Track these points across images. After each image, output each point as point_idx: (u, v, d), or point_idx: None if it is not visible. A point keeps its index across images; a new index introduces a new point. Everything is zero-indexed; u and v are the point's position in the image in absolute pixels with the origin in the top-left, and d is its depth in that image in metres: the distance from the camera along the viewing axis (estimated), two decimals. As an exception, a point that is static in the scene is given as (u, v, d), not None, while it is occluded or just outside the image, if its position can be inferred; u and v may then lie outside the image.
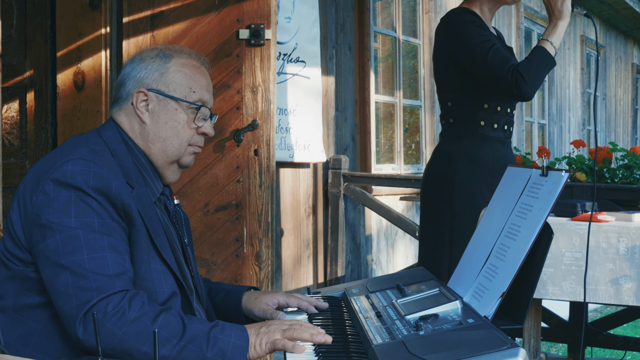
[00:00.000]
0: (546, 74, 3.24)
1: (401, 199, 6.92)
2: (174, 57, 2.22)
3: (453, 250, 3.25)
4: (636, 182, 5.45)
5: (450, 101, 3.36)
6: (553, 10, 3.27)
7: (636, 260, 4.08)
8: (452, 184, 3.27)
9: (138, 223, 2.03)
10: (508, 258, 1.85)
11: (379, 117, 7.15)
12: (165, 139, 2.18)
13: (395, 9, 7.30)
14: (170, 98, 2.18)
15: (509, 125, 3.40)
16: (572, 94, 11.85)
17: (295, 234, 5.69)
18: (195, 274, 2.30)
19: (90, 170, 1.96)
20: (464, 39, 3.24)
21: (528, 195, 1.92)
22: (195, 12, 4.26)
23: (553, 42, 3.24)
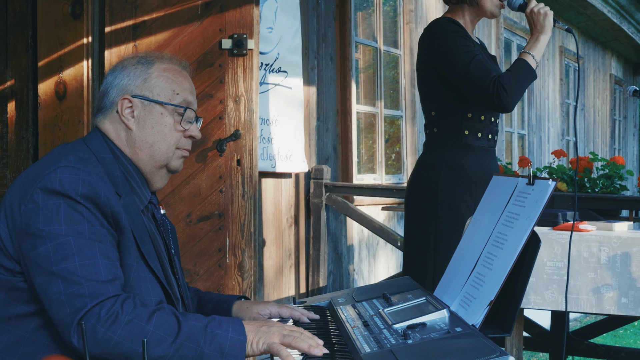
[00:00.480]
0: (527, 86, 3.26)
1: (383, 209, 6.93)
2: (155, 63, 2.23)
3: (437, 259, 3.26)
4: (616, 191, 5.49)
5: (434, 111, 3.37)
6: (535, 24, 3.30)
7: (617, 270, 4.10)
8: (435, 193, 3.28)
9: (126, 231, 2.02)
10: (495, 266, 1.85)
11: (360, 127, 7.17)
12: (152, 144, 2.18)
13: (376, 19, 7.33)
14: (155, 102, 2.18)
15: (493, 135, 3.42)
16: (552, 104, 11.92)
17: (277, 244, 5.68)
18: (182, 284, 2.30)
19: (78, 177, 1.96)
20: (446, 49, 3.26)
21: (515, 204, 1.92)
22: (177, 21, 4.26)
23: (535, 55, 3.27)
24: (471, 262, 2.00)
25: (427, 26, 3.43)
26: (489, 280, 1.85)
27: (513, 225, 1.87)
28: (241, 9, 4.23)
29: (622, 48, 15.10)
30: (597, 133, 14.43)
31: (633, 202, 5.11)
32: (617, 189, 5.45)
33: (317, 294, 5.94)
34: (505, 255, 1.83)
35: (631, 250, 4.11)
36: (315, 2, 6.16)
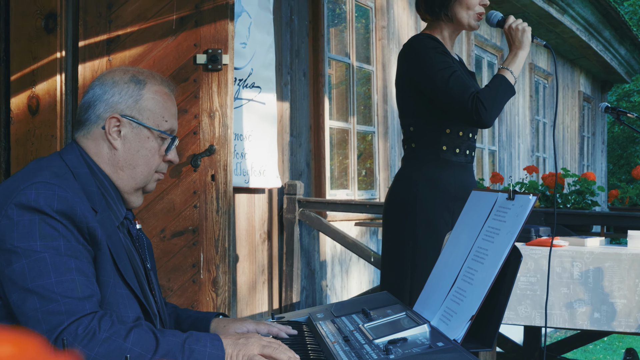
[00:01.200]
0: (506, 101, 3.28)
1: (356, 225, 6.93)
2: (147, 84, 2.20)
3: (415, 275, 3.26)
4: (588, 207, 5.53)
5: (413, 126, 3.38)
6: (513, 40, 3.32)
7: (590, 285, 4.13)
8: (413, 208, 3.28)
9: (103, 247, 2.00)
10: (476, 281, 1.86)
11: (333, 143, 7.18)
12: (135, 167, 2.17)
13: (349, 35, 7.35)
14: (144, 126, 2.16)
15: (471, 150, 3.43)
16: (522, 121, 12.01)
17: (251, 259, 5.66)
18: (159, 300, 2.28)
19: (54, 193, 1.94)
20: (425, 65, 3.27)
21: (495, 218, 1.93)
22: (152, 36, 4.24)
23: (513, 71, 3.29)
24: (451, 277, 2.01)
25: (406, 42, 3.44)
26: (470, 295, 1.85)
27: (493, 240, 1.88)
28: (216, 24, 4.23)
29: (590, 65, 15.27)
30: (566, 149, 14.55)
31: (604, 217, 5.15)
32: (589, 204, 5.49)
33: (291, 310, 5.93)
34: (486, 270, 1.84)
35: (603, 265, 4.14)
36: (288, 18, 6.18)
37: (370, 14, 7.73)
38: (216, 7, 4.23)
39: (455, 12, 3.39)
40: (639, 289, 4.06)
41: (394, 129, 7.91)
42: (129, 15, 4.25)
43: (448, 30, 3.45)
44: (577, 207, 5.44)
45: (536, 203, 5.23)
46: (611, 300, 4.12)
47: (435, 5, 3.40)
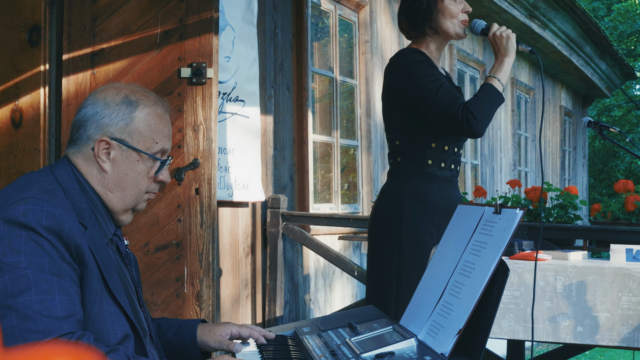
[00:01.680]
0: (495, 109, 3.28)
1: (340, 238, 6.93)
2: (139, 105, 2.18)
3: (400, 289, 3.26)
4: (570, 221, 5.55)
5: (399, 140, 3.38)
6: (499, 48, 3.33)
7: (573, 298, 4.15)
8: (399, 222, 3.28)
9: (90, 264, 1.99)
10: (463, 295, 1.86)
11: (317, 157, 7.18)
12: (124, 189, 2.16)
13: (332, 49, 7.37)
14: (133, 149, 2.15)
15: (456, 165, 3.44)
16: (504, 135, 12.06)
17: (234, 273, 5.65)
18: (148, 315, 2.27)
19: (42, 209, 1.92)
20: (413, 78, 3.27)
21: (481, 232, 1.94)
22: (136, 50, 4.24)
23: (500, 78, 3.30)
24: (438, 291, 2.01)
25: (392, 56, 3.44)
26: (457, 308, 1.86)
27: (480, 253, 1.88)
28: (200, 38, 4.23)
29: (571, 80, 15.36)
30: (547, 164, 14.62)
31: (587, 231, 5.17)
32: (572, 218, 5.51)
33: (274, 324, 5.91)
34: (473, 284, 1.84)
35: (586, 279, 4.15)
36: (272, 32, 6.19)
37: (354, 28, 7.76)
38: (200, 21, 4.24)
39: (439, 23, 3.40)
40: (621, 302, 4.07)
41: (377, 143, 7.92)
42: (114, 28, 4.25)
43: (434, 44, 3.45)
44: (559, 221, 5.46)
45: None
46: (594, 314, 4.13)
47: (418, 20, 3.41)
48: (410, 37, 3.50)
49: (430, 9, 3.38)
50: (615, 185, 5.36)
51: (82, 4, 4.25)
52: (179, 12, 4.24)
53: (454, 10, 3.39)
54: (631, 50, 23.70)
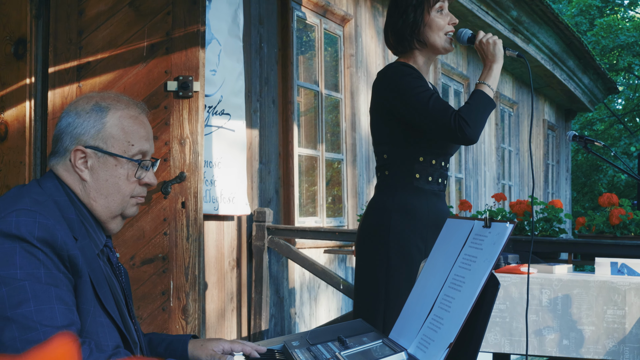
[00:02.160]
0: (488, 115, 3.29)
1: (325, 252, 6.93)
2: (110, 110, 2.17)
3: (388, 303, 3.25)
4: (555, 234, 5.58)
5: (387, 153, 3.39)
6: (486, 54, 3.34)
7: (558, 312, 4.16)
8: (386, 236, 3.28)
9: (84, 275, 1.99)
10: (453, 309, 1.86)
11: (302, 170, 7.18)
12: (107, 196, 2.15)
13: (317, 63, 7.38)
14: (109, 154, 2.15)
15: (443, 179, 3.45)
16: (487, 148, 12.11)
17: (220, 287, 5.63)
18: (138, 327, 2.27)
19: (35, 220, 1.92)
20: (403, 90, 3.28)
21: (471, 246, 1.94)
22: (122, 63, 4.24)
23: (490, 84, 3.31)
24: (428, 305, 2.01)
25: (380, 71, 3.45)
26: (448, 322, 1.86)
27: (470, 267, 1.89)
28: (187, 52, 4.24)
29: (554, 94, 15.44)
30: (531, 177, 14.67)
31: (572, 245, 5.19)
32: (556, 232, 5.53)
33: (260, 338, 5.90)
34: (463, 298, 1.84)
35: (572, 292, 4.17)
36: (258, 46, 6.20)
37: (339, 42, 7.78)
38: (187, 35, 4.24)
39: (426, 36, 3.41)
40: (606, 315, 4.09)
41: (362, 157, 7.94)
42: (100, 41, 4.24)
43: (422, 58, 3.46)
44: (544, 234, 5.48)
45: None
46: (579, 327, 4.15)
47: (405, 34, 3.42)
48: (398, 52, 3.50)
49: (417, 23, 3.39)
50: (600, 198, 5.38)
51: (69, 17, 4.24)
52: (166, 25, 4.24)
53: (441, 23, 3.40)
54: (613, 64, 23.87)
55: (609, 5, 25.67)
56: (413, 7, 3.40)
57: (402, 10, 3.43)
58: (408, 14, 3.41)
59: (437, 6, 3.42)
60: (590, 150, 4.12)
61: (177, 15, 4.24)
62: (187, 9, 4.24)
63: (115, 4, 4.25)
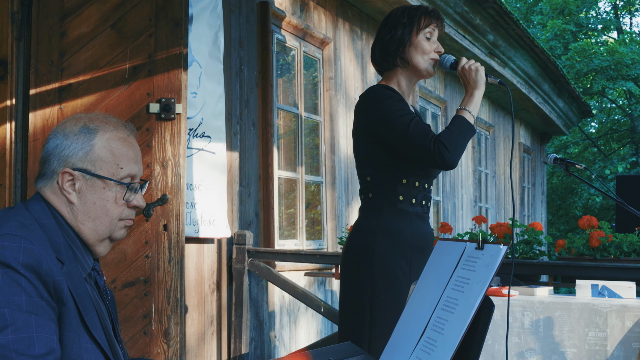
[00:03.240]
0: (467, 141, 3.31)
1: (306, 275, 6.91)
2: (98, 132, 2.14)
3: (373, 325, 3.24)
4: (535, 257, 5.59)
5: (370, 176, 3.39)
6: (468, 80, 3.37)
7: (540, 334, 4.17)
8: (371, 258, 3.28)
9: (68, 301, 1.95)
10: (447, 331, 1.86)
11: (281, 193, 7.17)
12: (95, 219, 2.12)
13: (297, 85, 7.40)
14: (97, 177, 2.12)
15: (427, 201, 3.45)
16: (464, 172, 12.16)
17: (200, 310, 5.60)
18: (125, 352, 2.24)
19: (20, 245, 1.89)
20: (384, 113, 3.29)
21: (464, 268, 1.94)
22: (104, 85, 4.22)
23: (471, 110, 3.33)
24: (420, 327, 2.00)
25: (362, 93, 3.46)
26: (441, 344, 1.85)
27: (464, 289, 1.88)
28: (169, 74, 4.23)
29: (530, 117, 15.55)
30: (507, 200, 14.75)
31: (553, 267, 5.21)
32: (537, 254, 5.55)
33: (240, 362, 5.86)
34: (457, 320, 1.84)
35: (553, 314, 4.18)
36: (238, 68, 6.20)
37: (318, 65, 7.80)
38: (169, 57, 4.24)
39: (410, 55, 3.43)
40: (588, 338, 4.10)
41: (342, 179, 7.94)
42: (81, 63, 4.23)
43: (405, 79, 3.48)
44: (525, 257, 5.49)
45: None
46: (562, 349, 4.15)
47: (391, 49, 3.44)
48: (382, 69, 3.53)
49: (403, 40, 3.42)
50: (580, 221, 5.41)
51: (50, 38, 4.23)
52: (148, 47, 4.23)
53: (427, 47, 3.43)
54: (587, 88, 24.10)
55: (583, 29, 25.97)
56: (403, 25, 3.44)
57: (392, 26, 3.46)
58: (397, 30, 3.44)
59: (426, 31, 3.45)
60: (571, 173, 4.15)
61: (160, 38, 4.24)
62: (169, 31, 4.24)
63: (98, 25, 4.24)
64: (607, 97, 26.18)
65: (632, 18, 28.53)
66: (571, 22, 25.21)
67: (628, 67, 21.88)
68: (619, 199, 4.08)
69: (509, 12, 10.25)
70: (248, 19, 6.37)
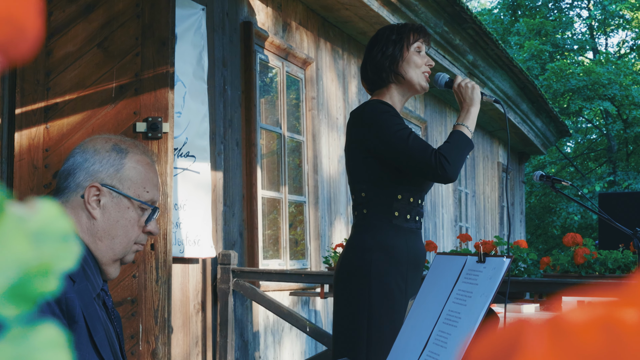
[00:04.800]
0: (466, 155, 3.33)
1: (291, 294, 6.89)
2: (129, 153, 2.16)
3: (370, 342, 3.23)
4: (521, 274, 5.61)
5: (365, 192, 3.39)
6: (464, 98, 3.39)
7: (528, 351, 4.17)
8: (367, 275, 3.27)
9: (79, 320, 1.93)
10: (450, 344, 1.85)
11: (265, 213, 7.16)
12: (114, 237, 2.11)
13: (280, 106, 7.41)
14: (124, 196, 2.12)
15: (420, 217, 3.46)
16: (445, 191, 12.20)
17: (185, 331, 5.56)
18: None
19: None
20: (382, 128, 3.30)
21: (465, 281, 1.94)
22: (91, 104, 4.21)
23: (468, 126, 3.36)
24: (421, 342, 2.00)
25: (356, 109, 3.47)
26: (445, 358, 1.85)
27: (466, 302, 1.88)
28: (156, 93, 4.22)
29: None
30: (487, 219, 14.80)
31: (539, 284, 5.23)
32: (521, 271, 5.57)
33: (225, 382, 5.83)
34: (460, 333, 1.83)
35: (541, 331, 4.18)
36: (222, 88, 6.20)
37: (300, 85, 7.82)
38: (156, 76, 4.23)
39: (404, 71, 3.45)
40: (576, 354, 4.11)
41: (324, 199, 7.95)
42: (68, 82, 4.22)
43: (398, 95, 3.49)
44: (510, 274, 5.51)
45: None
46: (549, 366, 4.15)
47: (385, 66, 3.45)
48: (374, 87, 3.53)
49: (395, 56, 3.44)
50: (564, 238, 5.44)
51: (36, 58, 4.21)
52: (135, 66, 4.23)
53: (418, 61, 3.46)
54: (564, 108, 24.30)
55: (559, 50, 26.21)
56: (393, 42, 3.46)
57: (382, 44, 3.48)
58: (388, 47, 3.46)
59: (416, 45, 3.48)
60: (558, 190, 4.17)
61: (146, 57, 4.23)
62: (155, 50, 4.23)
63: (84, 44, 4.23)
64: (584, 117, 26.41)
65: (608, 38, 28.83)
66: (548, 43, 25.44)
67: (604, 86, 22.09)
68: (605, 215, 4.11)
69: (488, 33, 10.33)
70: (231, 38, 6.38)
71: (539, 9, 27.73)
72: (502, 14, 28.52)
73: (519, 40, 26.10)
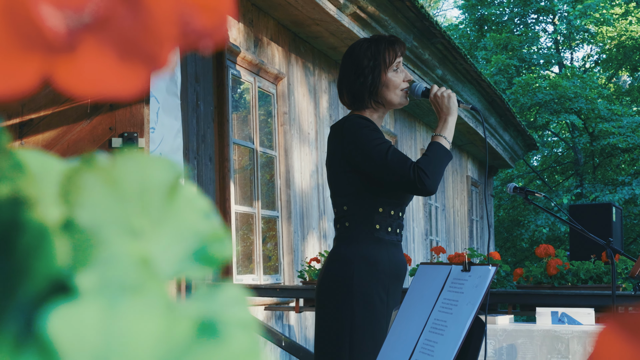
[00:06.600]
0: (445, 166, 3.33)
1: (266, 309, 6.89)
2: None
3: (353, 354, 3.24)
4: (494, 286, 5.66)
5: (346, 205, 3.39)
6: (441, 107, 3.39)
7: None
8: (350, 287, 3.27)
9: None
10: (437, 353, 1.87)
11: (238, 228, 7.16)
12: None
13: (252, 121, 7.42)
14: None
15: (400, 229, 3.47)
16: (415, 205, 12.25)
17: (160, 347, 5.54)
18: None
19: None
20: (361, 142, 3.30)
21: (450, 290, 1.96)
22: (66, 120, 4.20)
23: (446, 136, 3.36)
24: (407, 351, 2.02)
25: (336, 123, 3.47)
26: (432, 366, 1.87)
27: (452, 311, 1.90)
28: (131, 108, 4.23)
29: (477, 151, 15.76)
30: (457, 233, 14.88)
31: (513, 295, 5.27)
32: (495, 283, 5.61)
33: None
34: (447, 342, 1.86)
35: (516, 342, 4.22)
36: (195, 104, 6.20)
37: (272, 100, 7.84)
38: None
39: (384, 95, 3.43)
40: (551, 364, 4.15)
41: (297, 214, 7.95)
42: (43, 98, 4.20)
43: (377, 113, 3.49)
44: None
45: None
46: (525, 376, 4.19)
47: (364, 96, 3.43)
48: (352, 108, 3.52)
49: (375, 85, 3.41)
50: (537, 250, 5.49)
51: (10, 74, 4.19)
52: (110, 82, 4.22)
53: (397, 81, 3.44)
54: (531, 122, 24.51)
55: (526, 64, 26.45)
56: (370, 68, 3.41)
57: (360, 72, 3.43)
58: (366, 76, 3.41)
59: (394, 64, 3.45)
60: (531, 202, 4.22)
61: (121, 72, 4.23)
62: (131, 65, 4.23)
63: (59, 60, 4.22)
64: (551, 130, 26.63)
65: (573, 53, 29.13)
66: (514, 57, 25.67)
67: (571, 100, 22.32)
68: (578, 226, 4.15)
69: (456, 47, 10.42)
70: (203, 54, 6.39)
71: (505, 24, 27.99)
72: (469, 29, 28.75)
73: (486, 55, 26.32)
